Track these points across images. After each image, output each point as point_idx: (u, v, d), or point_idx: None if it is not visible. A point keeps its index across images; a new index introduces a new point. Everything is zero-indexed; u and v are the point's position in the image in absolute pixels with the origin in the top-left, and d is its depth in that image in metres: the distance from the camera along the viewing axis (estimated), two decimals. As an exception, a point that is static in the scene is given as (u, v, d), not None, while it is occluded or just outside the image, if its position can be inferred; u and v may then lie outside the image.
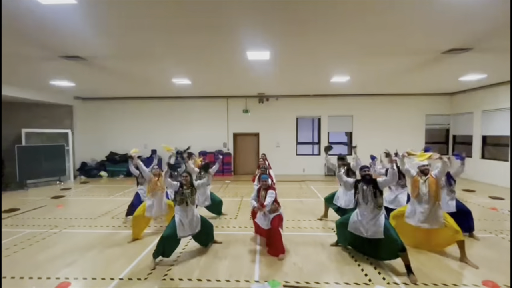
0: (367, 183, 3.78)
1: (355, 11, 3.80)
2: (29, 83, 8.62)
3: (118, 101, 12.14)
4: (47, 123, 10.93)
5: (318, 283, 3.42)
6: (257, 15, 3.93)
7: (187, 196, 3.99)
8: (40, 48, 5.21)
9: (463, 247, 3.87)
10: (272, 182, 5.35)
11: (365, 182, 3.81)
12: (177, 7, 3.68)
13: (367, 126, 11.75)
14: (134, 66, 6.73)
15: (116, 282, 3.47)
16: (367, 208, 3.74)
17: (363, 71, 7.38)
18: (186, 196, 3.99)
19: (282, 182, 9.73)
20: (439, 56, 5.81)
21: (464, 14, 3.87)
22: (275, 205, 4.20)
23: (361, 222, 3.80)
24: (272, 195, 4.18)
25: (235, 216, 6.14)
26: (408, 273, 3.48)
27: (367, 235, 3.74)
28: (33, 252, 4.35)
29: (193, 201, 4.08)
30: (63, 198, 8.11)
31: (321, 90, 10.49)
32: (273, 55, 5.75)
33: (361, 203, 3.81)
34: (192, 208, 4.06)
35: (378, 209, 3.69)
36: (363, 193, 3.78)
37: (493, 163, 9.51)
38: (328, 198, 5.67)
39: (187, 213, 4.00)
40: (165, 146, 5.03)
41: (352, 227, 3.93)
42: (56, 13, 3.79)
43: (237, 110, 12.03)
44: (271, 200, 4.11)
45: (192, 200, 4.05)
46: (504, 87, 8.83)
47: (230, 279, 3.51)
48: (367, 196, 3.73)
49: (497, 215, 6.06)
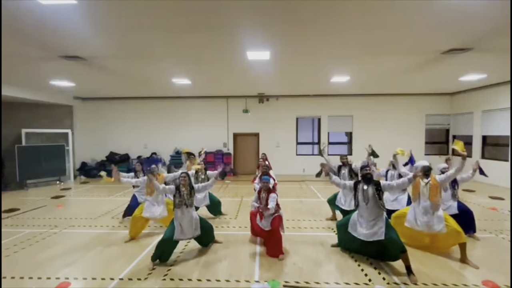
0: (368, 183, 3.75)
1: (355, 11, 3.80)
2: (29, 83, 8.62)
3: (118, 101, 12.14)
4: (47, 123, 10.92)
5: (318, 283, 3.42)
6: (257, 15, 3.93)
7: (185, 198, 3.96)
8: (40, 48, 5.21)
9: (464, 249, 3.85)
10: (274, 183, 5.34)
11: (365, 182, 3.77)
12: (177, 7, 3.68)
13: (367, 126, 11.74)
14: (134, 66, 6.73)
15: (116, 282, 3.47)
16: (367, 209, 3.68)
17: (363, 71, 7.38)
18: (185, 198, 3.96)
19: (282, 182, 9.73)
20: (439, 56, 5.81)
21: (464, 14, 3.87)
22: (275, 208, 4.17)
23: (361, 223, 3.76)
24: (275, 199, 4.14)
25: (235, 216, 6.14)
26: (409, 273, 3.47)
27: (367, 237, 3.67)
28: (33, 252, 4.35)
29: (192, 203, 4.04)
30: (63, 198, 8.11)
31: (321, 90, 10.48)
32: (273, 55, 5.75)
33: (361, 203, 3.75)
34: (191, 211, 4.04)
35: (379, 210, 3.64)
36: (363, 194, 3.72)
37: (493, 163, 9.50)
38: (331, 199, 5.62)
39: (186, 216, 3.98)
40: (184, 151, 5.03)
41: (352, 228, 3.89)
42: (56, 13, 3.79)
43: (237, 110, 12.02)
44: (274, 204, 4.07)
45: (191, 202, 4.02)
46: (504, 87, 8.83)
47: (230, 279, 3.51)
48: (367, 196, 3.68)
49: (497, 215, 6.07)
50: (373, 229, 3.63)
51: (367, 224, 3.69)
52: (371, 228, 3.65)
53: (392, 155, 5.20)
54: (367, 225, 3.69)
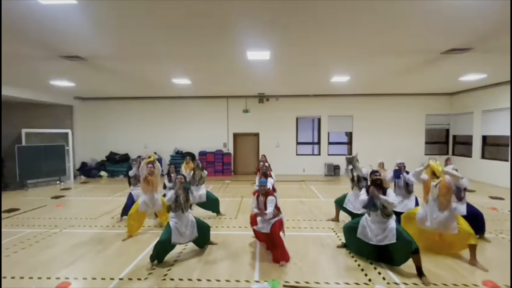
0: (378, 189, 3.65)
1: (355, 11, 3.80)
2: (29, 83, 8.61)
3: (118, 101, 12.14)
4: (47, 123, 10.93)
5: (318, 283, 3.42)
6: (257, 15, 3.93)
7: (182, 203, 3.97)
8: (40, 48, 5.21)
9: (474, 251, 3.81)
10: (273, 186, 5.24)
11: (376, 187, 3.67)
12: (177, 7, 3.68)
13: (367, 126, 11.75)
14: (134, 66, 6.73)
15: (116, 282, 3.47)
16: (377, 216, 3.62)
17: (363, 71, 7.37)
18: (181, 203, 3.96)
19: (282, 182, 9.74)
20: (439, 56, 5.81)
21: (464, 14, 3.87)
22: (275, 211, 3.99)
23: (371, 228, 3.69)
24: (273, 202, 3.96)
25: (235, 216, 6.14)
26: (420, 275, 3.44)
27: (377, 242, 3.61)
28: (33, 252, 4.35)
29: (187, 208, 4.05)
30: (63, 198, 8.11)
31: (321, 90, 10.48)
32: (273, 55, 5.75)
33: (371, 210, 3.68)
34: (187, 215, 4.04)
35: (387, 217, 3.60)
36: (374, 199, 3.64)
37: (493, 163, 9.51)
38: (339, 200, 5.51)
39: (183, 219, 3.98)
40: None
41: (361, 232, 3.81)
42: (56, 13, 3.79)
43: (237, 110, 12.03)
44: (272, 209, 3.90)
45: (187, 207, 4.04)
46: (504, 87, 8.83)
47: (230, 279, 3.51)
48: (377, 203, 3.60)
49: (497, 215, 6.06)
50: (384, 233, 3.58)
51: (378, 229, 3.63)
52: (382, 232, 3.59)
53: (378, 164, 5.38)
54: (378, 230, 3.62)
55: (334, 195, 6.19)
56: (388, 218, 3.61)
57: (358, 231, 3.86)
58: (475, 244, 3.79)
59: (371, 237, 3.69)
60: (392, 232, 3.53)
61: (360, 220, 3.91)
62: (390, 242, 3.54)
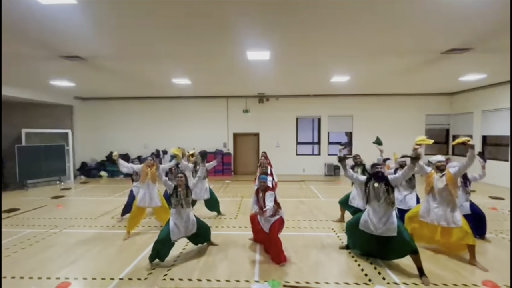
0: (379, 180, 3.70)
1: (355, 11, 3.80)
2: (29, 83, 8.61)
3: (118, 101, 12.14)
4: (47, 123, 10.93)
5: (318, 283, 3.42)
6: (257, 15, 3.93)
7: (182, 198, 3.96)
8: (40, 48, 5.21)
9: (473, 251, 3.82)
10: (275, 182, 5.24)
11: (377, 179, 3.72)
12: (177, 7, 3.68)
13: (367, 126, 11.73)
14: (134, 66, 6.73)
15: (116, 282, 3.47)
16: (379, 205, 3.66)
17: (363, 71, 7.38)
18: (181, 198, 3.96)
19: (282, 182, 9.74)
20: (439, 56, 5.81)
21: (464, 14, 3.87)
22: (275, 207, 3.95)
23: (372, 220, 3.72)
24: (272, 197, 3.93)
25: (235, 216, 6.14)
26: (421, 275, 3.46)
27: (378, 233, 3.66)
28: (33, 252, 4.35)
29: (188, 203, 4.03)
30: (63, 198, 8.11)
31: (321, 90, 10.49)
32: (273, 55, 5.75)
33: (372, 200, 3.72)
34: (187, 211, 4.03)
35: (390, 207, 3.62)
36: (375, 191, 3.69)
37: (493, 163, 9.46)
38: (343, 200, 5.46)
39: (182, 216, 3.97)
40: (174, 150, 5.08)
41: (363, 225, 3.84)
42: (56, 13, 3.79)
43: (237, 110, 12.03)
44: (271, 204, 3.86)
45: (187, 202, 4.01)
46: (504, 87, 8.83)
47: (230, 279, 3.51)
48: (379, 193, 3.64)
49: (497, 215, 6.06)
50: (385, 226, 3.61)
51: (379, 221, 3.66)
52: (384, 225, 3.62)
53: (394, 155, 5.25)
54: (379, 222, 3.65)
55: (334, 195, 6.21)
56: (392, 207, 3.62)
57: (360, 223, 3.88)
58: (473, 244, 3.79)
59: (373, 229, 3.71)
60: (394, 225, 3.57)
61: (361, 214, 3.96)
62: (391, 235, 3.57)
